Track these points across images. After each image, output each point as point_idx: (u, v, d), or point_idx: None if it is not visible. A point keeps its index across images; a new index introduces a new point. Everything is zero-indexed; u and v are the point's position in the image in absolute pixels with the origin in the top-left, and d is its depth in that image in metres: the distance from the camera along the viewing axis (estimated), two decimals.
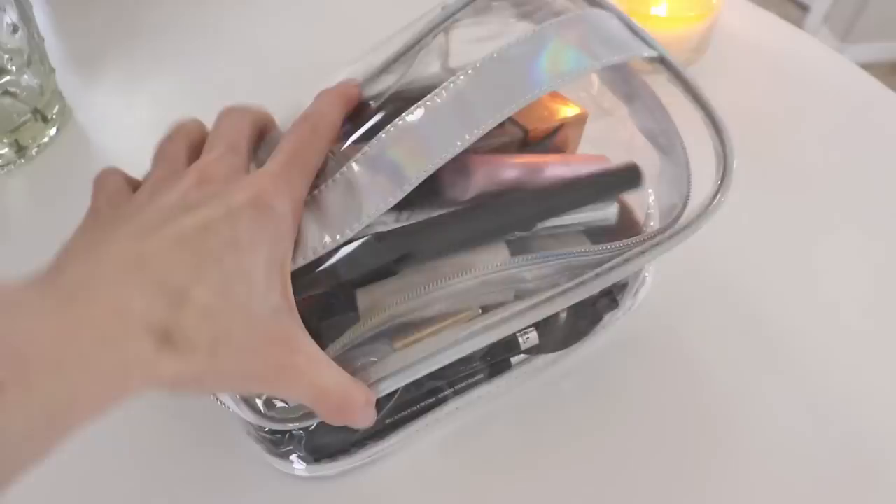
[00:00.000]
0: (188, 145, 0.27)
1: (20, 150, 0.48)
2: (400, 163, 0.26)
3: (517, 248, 0.30)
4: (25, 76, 0.48)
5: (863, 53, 1.78)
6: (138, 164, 0.28)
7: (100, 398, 0.20)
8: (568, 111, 0.34)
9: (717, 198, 0.29)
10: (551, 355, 0.37)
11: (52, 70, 0.50)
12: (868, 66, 0.55)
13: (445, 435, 0.36)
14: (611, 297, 0.36)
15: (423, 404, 0.34)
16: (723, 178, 0.29)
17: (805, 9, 1.92)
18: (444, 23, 0.32)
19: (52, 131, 0.50)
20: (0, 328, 0.18)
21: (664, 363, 0.39)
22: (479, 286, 0.28)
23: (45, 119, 0.49)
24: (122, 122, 0.51)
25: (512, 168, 0.31)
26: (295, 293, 0.25)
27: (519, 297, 0.29)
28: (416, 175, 0.26)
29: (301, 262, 0.26)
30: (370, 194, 0.26)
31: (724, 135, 0.29)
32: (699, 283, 0.42)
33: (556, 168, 0.33)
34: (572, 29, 0.29)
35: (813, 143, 0.51)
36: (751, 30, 0.58)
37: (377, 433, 0.34)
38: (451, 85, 0.27)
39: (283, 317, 0.24)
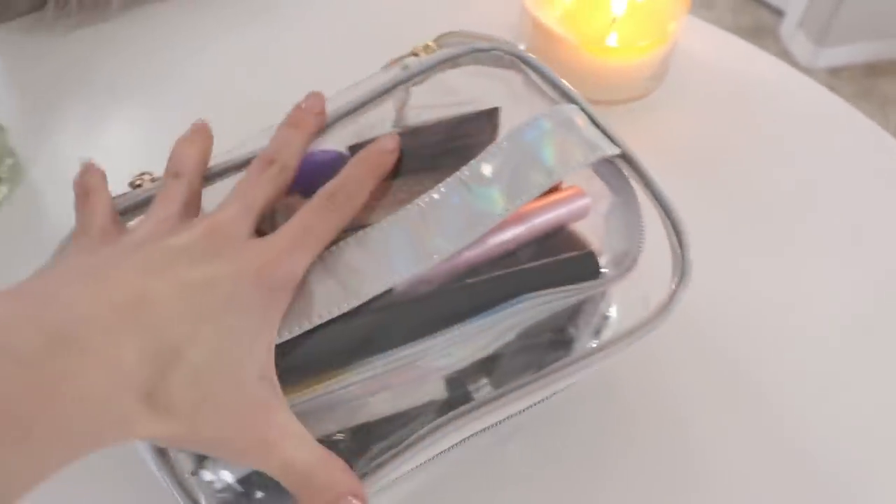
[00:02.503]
0: (189, 187, 0.27)
1: None
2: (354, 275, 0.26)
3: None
4: None
5: (839, 56, 1.79)
6: None
7: (70, 453, 0.20)
8: None
9: (675, 297, 0.28)
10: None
11: (2, 129, 0.49)
12: (844, 69, 0.55)
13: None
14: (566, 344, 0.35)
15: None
16: (681, 278, 0.29)
17: (780, 14, 1.94)
18: (403, 83, 0.32)
19: (5, 190, 0.49)
20: None
21: (634, 401, 0.38)
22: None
23: None
24: None
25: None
26: None
27: (449, 382, 0.28)
28: (369, 291, 0.26)
29: None
30: (320, 299, 0.25)
31: (682, 236, 0.29)
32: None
33: (508, 232, 0.32)
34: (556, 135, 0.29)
35: (780, 168, 0.50)
36: (711, 53, 0.57)
37: None
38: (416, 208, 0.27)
39: (267, 385, 0.24)
